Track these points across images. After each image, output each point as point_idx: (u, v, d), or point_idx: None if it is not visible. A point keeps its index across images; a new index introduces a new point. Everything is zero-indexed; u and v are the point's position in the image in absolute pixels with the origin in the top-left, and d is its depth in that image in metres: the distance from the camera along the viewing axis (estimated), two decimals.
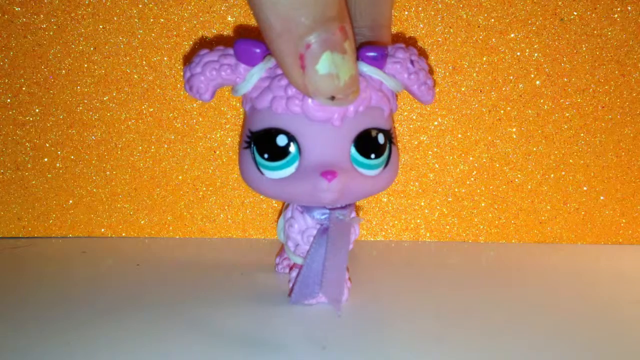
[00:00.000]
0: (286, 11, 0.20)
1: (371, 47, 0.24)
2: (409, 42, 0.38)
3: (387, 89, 0.25)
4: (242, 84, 0.24)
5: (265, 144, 0.24)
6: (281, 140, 0.23)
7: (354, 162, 0.24)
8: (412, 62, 0.25)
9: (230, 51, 0.24)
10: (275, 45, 0.21)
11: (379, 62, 0.24)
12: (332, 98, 0.22)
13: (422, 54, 0.38)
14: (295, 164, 0.24)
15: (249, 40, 0.23)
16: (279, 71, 0.23)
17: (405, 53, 0.25)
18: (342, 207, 0.26)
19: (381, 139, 0.24)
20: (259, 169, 0.24)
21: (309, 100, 0.22)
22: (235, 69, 0.24)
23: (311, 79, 0.21)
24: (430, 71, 0.25)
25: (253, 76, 0.24)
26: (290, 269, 0.28)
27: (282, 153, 0.23)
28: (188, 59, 0.37)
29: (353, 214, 0.27)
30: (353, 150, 0.24)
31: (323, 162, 0.23)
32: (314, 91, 0.21)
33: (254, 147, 0.24)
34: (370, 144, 0.24)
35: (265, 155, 0.24)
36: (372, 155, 0.24)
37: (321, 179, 0.22)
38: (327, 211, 0.26)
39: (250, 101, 0.24)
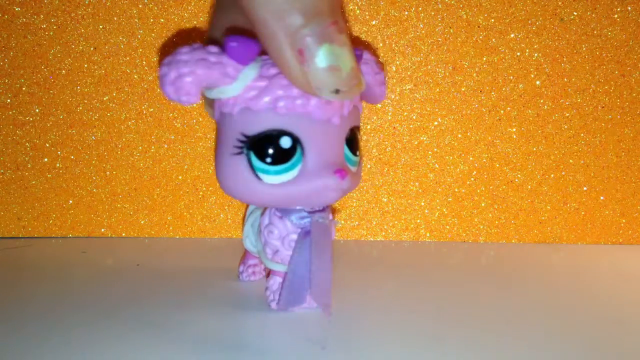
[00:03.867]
0: (278, 7, 0.20)
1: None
2: (409, 42, 0.38)
3: None
4: (233, 84, 0.22)
5: (267, 147, 0.22)
6: (285, 142, 0.22)
7: (347, 161, 0.24)
8: (376, 63, 0.25)
9: (213, 49, 0.22)
10: (272, 44, 0.20)
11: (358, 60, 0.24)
12: (337, 92, 0.21)
13: (422, 53, 0.38)
14: (299, 166, 0.23)
15: (241, 37, 0.22)
16: (273, 71, 0.22)
17: (369, 54, 0.25)
18: (321, 210, 0.26)
19: (358, 136, 0.25)
20: (256, 175, 0.22)
21: (312, 100, 0.22)
22: (225, 68, 0.22)
23: (313, 73, 0.21)
24: (383, 70, 0.26)
25: (247, 76, 0.22)
26: (267, 275, 0.27)
27: (287, 155, 0.22)
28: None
29: (331, 216, 0.27)
30: (346, 149, 0.24)
31: (327, 161, 0.23)
32: (317, 86, 0.21)
33: (252, 152, 0.22)
34: (355, 141, 0.25)
35: (268, 160, 0.22)
36: (357, 153, 0.25)
37: (335, 178, 0.22)
38: (307, 215, 0.25)
39: (242, 102, 0.22)
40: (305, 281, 0.25)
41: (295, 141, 0.22)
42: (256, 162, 0.22)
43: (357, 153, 0.25)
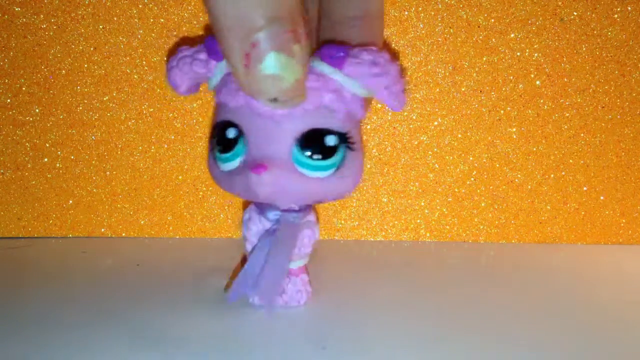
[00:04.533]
0: (235, 8, 0.20)
1: (331, 46, 0.23)
2: (409, 42, 0.38)
3: (348, 92, 0.24)
4: (212, 78, 0.25)
5: (219, 136, 0.24)
6: (230, 133, 0.24)
7: (294, 161, 0.23)
8: (375, 64, 0.23)
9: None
10: (223, 41, 0.21)
11: (337, 61, 0.23)
12: (275, 100, 0.21)
13: (422, 53, 0.38)
14: (241, 157, 0.24)
15: None
16: None
17: (370, 55, 0.23)
18: (297, 210, 0.26)
19: (331, 140, 0.23)
20: (215, 160, 0.25)
21: None
22: (207, 64, 0.24)
23: (254, 78, 0.21)
24: (402, 76, 0.24)
25: (219, 71, 0.24)
26: None
27: (231, 145, 0.24)
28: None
29: (311, 217, 0.27)
30: (296, 148, 0.23)
31: (262, 156, 0.23)
32: (256, 91, 0.21)
33: (215, 139, 0.25)
34: (315, 144, 0.23)
35: (219, 147, 0.24)
36: (316, 156, 0.23)
37: (250, 172, 0.22)
38: (279, 212, 0.25)
39: (215, 96, 0.25)
40: (252, 277, 0.24)
41: (240, 133, 0.24)
42: (216, 149, 0.25)
43: (320, 157, 0.23)
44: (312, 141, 0.23)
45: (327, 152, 0.23)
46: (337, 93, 0.23)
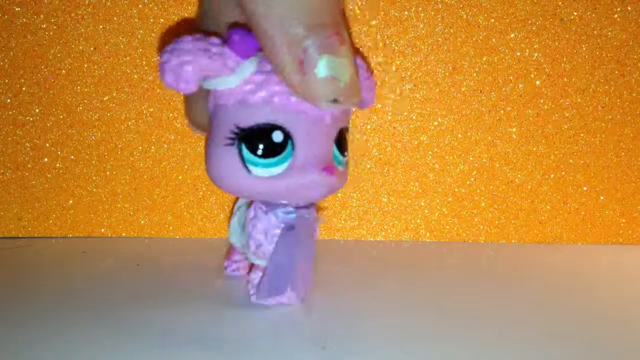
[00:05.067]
0: (280, 20, 0.20)
1: None
2: (409, 42, 0.38)
3: None
4: (232, 76, 0.23)
5: (259, 140, 0.23)
6: (277, 137, 0.23)
7: (335, 160, 0.25)
8: (365, 67, 0.26)
9: (215, 40, 0.23)
10: (274, 52, 0.21)
11: None
12: (334, 101, 0.22)
13: (422, 53, 0.38)
14: (289, 161, 0.23)
15: (244, 31, 0.23)
16: (269, 67, 0.23)
17: (359, 60, 0.26)
18: (306, 207, 0.26)
19: (347, 138, 0.26)
20: (245, 166, 0.23)
21: None
22: (226, 60, 0.23)
23: (311, 83, 0.21)
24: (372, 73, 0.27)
25: (246, 69, 0.23)
26: (249, 271, 0.27)
27: (278, 149, 0.23)
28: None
29: (315, 213, 0.27)
30: (335, 149, 0.24)
31: (316, 158, 0.23)
32: (316, 96, 0.22)
33: (243, 144, 0.23)
34: (344, 142, 0.25)
35: (259, 152, 0.23)
36: (346, 153, 0.25)
37: (322, 174, 0.23)
38: (293, 210, 0.25)
39: (239, 95, 0.23)
40: (286, 273, 0.25)
41: (287, 136, 0.23)
42: (247, 154, 0.23)
43: (345, 154, 0.25)
44: (341, 139, 0.25)
45: (347, 148, 0.26)
46: None
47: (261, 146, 0.23)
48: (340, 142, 0.25)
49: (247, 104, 0.23)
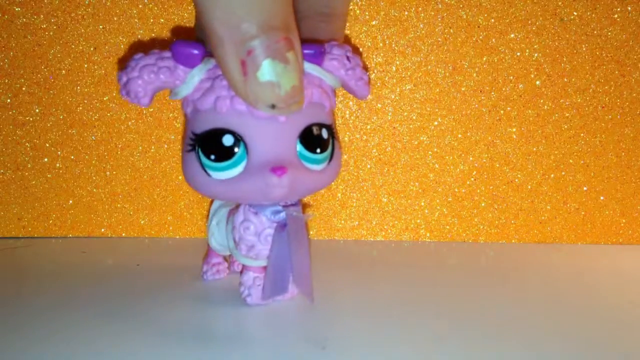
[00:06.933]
0: (230, 17, 0.20)
1: (309, 44, 0.24)
2: (409, 42, 0.38)
3: (327, 85, 0.25)
4: (182, 86, 0.24)
5: (210, 145, 0.23)
6: (227, 140, 0.23)
7: (301, 158, 0.24)
8: (347, 58, 0.25)
9: (168, 54, 0.24)
10: (218, 51, 0.21)
11: (317, 59, 0.24)
12: (273, 107, 0.22)
13: (422, 53, 0.38)
14: (243, 163, 0.23)
15: (186, 42, 0.23)
16: (218, 72, 0.23)
17: (341, 50, 0.25)
18: (294, 204, 0.26)
19: (325, 133, 0.25)
20: (205, 170, 0.24)
21: None
22: (174, 72, 0.24)
23: (252, 86, 0.21)
24: (365, 67, 0.26)
25: (194, 78, 0.24)
26: (241, 272, 0.28)
27: (229, 153, 0.23)
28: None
29: (299, 208, 0.27)
30: (299, 146, 0.24)
31: (271, 159, 0.23)
32: (254, 99, 0.21)
33: (199, 149, 0.23)
34: (315, 139, 0.24)
35: (212, 157, 0.23)
36: (318, 150, 0.24)
37: (271, 175, 0.23)
38: (281, 209, 0.26)
39: (192, 103, 0.24)
40: (286, 271, 0.25)
41: (238, 139, 0.23)
42: (203, 159, 0.24)
43: (319, 151, 0.24)
44: (312, 136, 0.24)
45: (324, 145, 0.25)
46: (320, 88, 0.24)
47: (213, 150, 0.23)
48: (310, 139, 0.24)
49: (198, 110, 0.24)
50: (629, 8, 0.37)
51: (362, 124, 0.39)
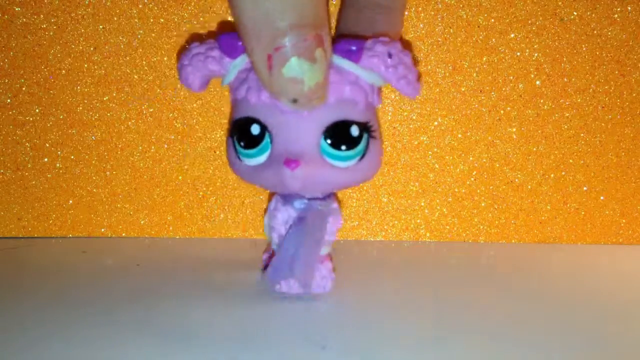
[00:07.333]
0: (260, 12, 0.20)
1: (347, 40, 0.24)
2: (410, 42, 0.38)
3: (365, 83, 0.25)
4: (226, 75, 0.26)
5: (241, 132, 0.25)
6: (255, 129, 0.24)
7: (323, 153, 0.24)
8: (390, 55, 0.25)
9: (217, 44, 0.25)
10: (247, 43, 0.22)
11: (354, 55, 0.24)
12: (294, 101, 0.22)
13: (422, 53, 0.38)
14: (267, 153, 0.25)
15: (232, 34, 0.25)
16: None
17: (384, 46, 0.25)
18: (322, 198, 0.27)
19: (354, 131, 0.25)
20: (238, 156, 0.26)
21: None
22: (220, 61, 0.25)
23: (276, 80, 0.22)
24: (415, 64, 0.26)
25: (235, 68, 0.25)
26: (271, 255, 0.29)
27: (256, 141, 0.25)
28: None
29: (335, 205, 0.28)
30: (322, 141, 0.24)
31: (291, 150, 0.24)
32: (278, 92, 0.22)
33: (234, 135, 0.25)
34: (341, 135, 0.24)
35: (242, 143, 0.25)
36: (343, 147, 0.24)
37: (284, 167, 0.23)
38: (306, 201, 0.27)
39: (232, 92, 0.26)
40: (290, 261, 0.25)
41: (264, 129, 0.24)
42: (237, 144, 0.25)
43: (345, 148, 0.24)
44: (338, 133, 0.24)
45: (352, 142, 0.25)
46: (356, 85, 0.25)
47: (243, 137, 0.25)
48: (337, 135, 0.24)
49: (236, 99, 0.26)
50: (629, 8, 0.37)
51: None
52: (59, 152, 0.39)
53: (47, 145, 0.39)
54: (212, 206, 0.40)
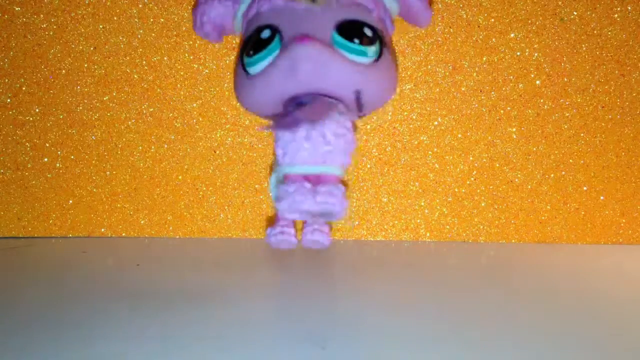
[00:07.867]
0: None
1: None
2: (409, 42, 0.38)
3: (381, 1, 0.28)
4: (241, 5, 0.28)
5: (251, 41, 0.27)
6: (265, 34, 0.26)
7: (336, 45, 0.26)
8: None
9: None
10: None
11: None
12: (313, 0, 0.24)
13: (422, 53, 0.38)
14: (277, 51, 0.26)
15: None
16: None
17: None
18: (332, 97, 0.27)
19: (368, 31, 0.26)
20: (245, 70, 0.27)
21: None
22: (234, 4, 0.28)
23: None
24: None
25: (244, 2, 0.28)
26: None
27: (264, 43, 0.26)
28: (188, 59, 0.38)
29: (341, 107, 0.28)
30: (335, 34, 0.26)
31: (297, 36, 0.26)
32: None
33: (243, 52, 0.27)
34: (353, 30, 0.26)
35: (251, 52, 0.27)
36: (356, 40, 0.26)
37: (296, 45, 0.24)
38: (310, 98, 0.27)
39: (245, 18, 0.28)
40: (296, 115, 0.26)
41: (274, 32, 0.26)
42: (245, 59, 0.27)
43: (357, 41, 0.26)
44: (350, 28, 0.26)
45: (366, 39, 0.26)
46: None
47: (252, 45, 0.27)
48: (350, 30, 0.26)
49: (249, 20, 0.28)
50: (629, 8, 0.37)
51: (362, 123, 0.39)
52: (59, 152, 0.39)
53: (47, 145, 0.39)
54: (212, 206, 0.40)
